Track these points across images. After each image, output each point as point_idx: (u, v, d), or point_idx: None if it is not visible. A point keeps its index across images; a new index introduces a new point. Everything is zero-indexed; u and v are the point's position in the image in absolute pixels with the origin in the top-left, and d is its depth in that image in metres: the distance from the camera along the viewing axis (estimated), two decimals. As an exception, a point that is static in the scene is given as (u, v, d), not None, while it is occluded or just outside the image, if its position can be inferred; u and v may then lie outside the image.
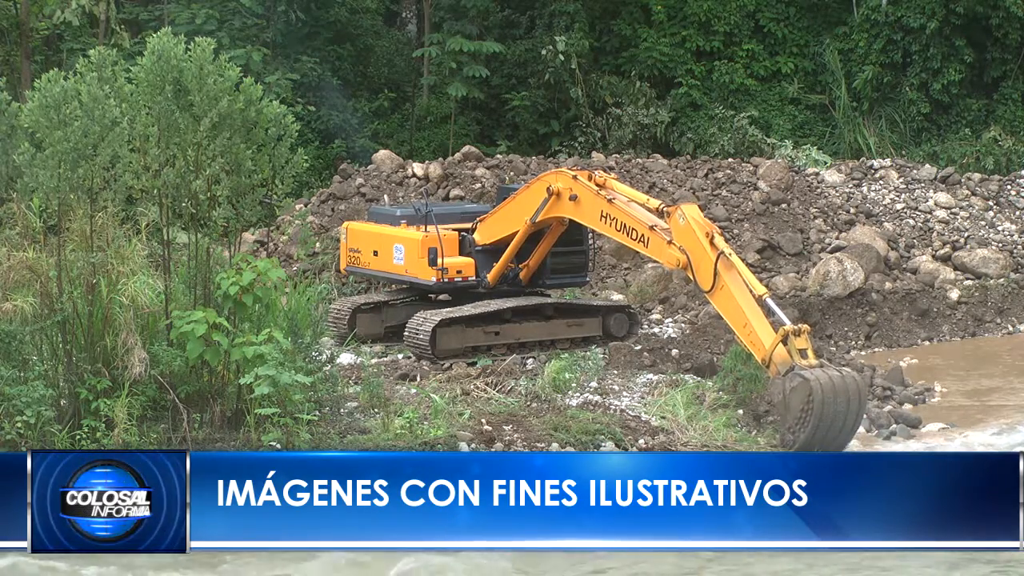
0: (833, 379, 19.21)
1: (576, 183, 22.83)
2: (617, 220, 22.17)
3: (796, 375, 19.28)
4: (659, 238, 21.45)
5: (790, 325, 19.72)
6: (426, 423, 19.43)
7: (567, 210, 23.08)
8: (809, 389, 19.04)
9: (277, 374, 17.99)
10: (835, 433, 19.27)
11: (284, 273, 20.46)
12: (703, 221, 21.04)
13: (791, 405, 19.29)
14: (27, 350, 18.14)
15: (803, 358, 19.46)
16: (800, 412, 19.18)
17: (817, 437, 19.14)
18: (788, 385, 19.33)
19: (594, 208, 22.55)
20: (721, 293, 20.47)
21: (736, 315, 20.27)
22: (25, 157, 17.69)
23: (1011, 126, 37.34)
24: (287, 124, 19.24)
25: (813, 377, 19.11)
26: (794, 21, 40.38)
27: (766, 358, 19.73)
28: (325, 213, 30.42)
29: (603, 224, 22.50)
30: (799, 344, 19.57)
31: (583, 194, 22.71)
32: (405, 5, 45.07)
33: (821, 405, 19.03)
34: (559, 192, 23.00)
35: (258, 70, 34.11)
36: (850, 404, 19.25)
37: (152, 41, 18.62)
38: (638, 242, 21.86)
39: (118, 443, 17.40)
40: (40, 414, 17.06)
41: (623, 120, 37.88)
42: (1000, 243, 31.33)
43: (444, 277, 24.02)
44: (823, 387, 19.06)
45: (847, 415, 19.31)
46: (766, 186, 31.86)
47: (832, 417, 19.15)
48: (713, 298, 20.77)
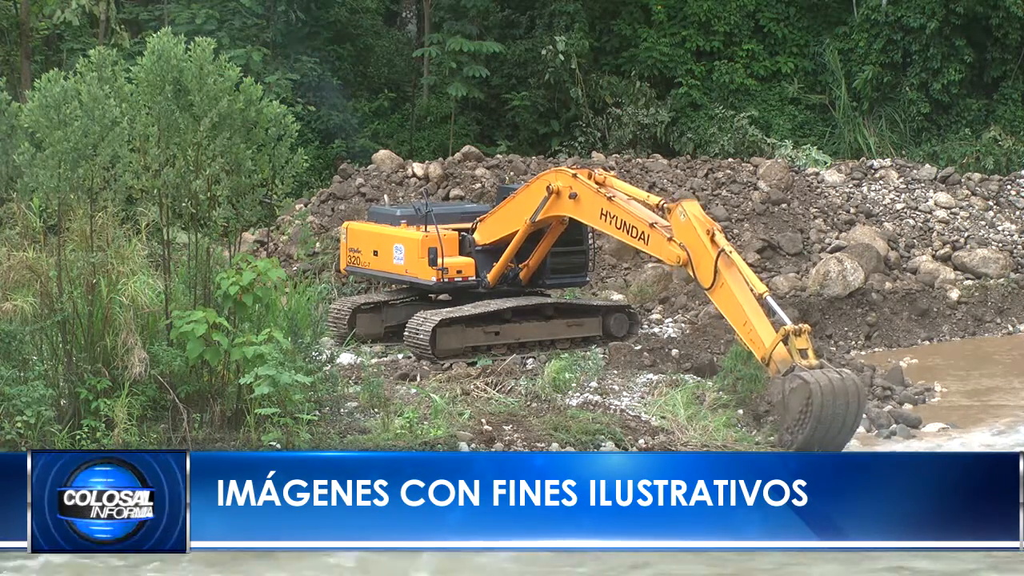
0: (833, 381, 19.18)
1: (576, 181, 22.83)
2: (617, 218, 22.17)
3: (796, 376, 19.27)
4: (659, 235, 21.45)
5: (791, 325, 19.73)
6: (426, 423, 19.43)
7: (567, 208, 23.08)
8: (808, 391, 19.03)
9: (277, 374, 17.99)
10: (834, 434, 19.26)
11: (284, 273, 20.47)
12: (704, 218, 21.05)
13: (790, 406, 19.29)
14: (27, 350, 18.14)
15: (803, 358, 19.47)
16: (799, 413, 19.18)
17: (816, 438, 19.13)
18: (787, 386, 19.32)
19: (594, 206, 22.55)
20: (721, 291, 20.48)
21: (736, 313, 20.27)
22: (25, 157, 17.69)
23: (1011, 126, 37.34)
24: (287, 124, 19.24)
25: (813, 379, 19.09)
26: (794, 21, 40.38)
27: (766, 357, 19.75)
28: (325, 213, 30.42)
29: (603, 222, 22.51)
30: (799, 344, 19.58)
31: (583, 192, 22.72)
32: (405, 5, 45.08)
33: (820, 407, 19.04)
34: (559, 191, 23.00)
35: (258, 70, 34.11)
36: (849, 406, 19.24)
37: (152, 41, 18.63)
38: (638, 239, 21.87)
39: (118, 443, 17.39)
40: (40, 414, 17.06)
41: (623, 120, 37.88)
42: (1000, 243, 31.33)
43: (444, 277, 24.02)
44: (822, 389, 19.05)
45: (846, 417, 19.31)
46: (766, 186, 31.86)
47: (831, 419, 19.15)
48: (713, 295, 20.78)
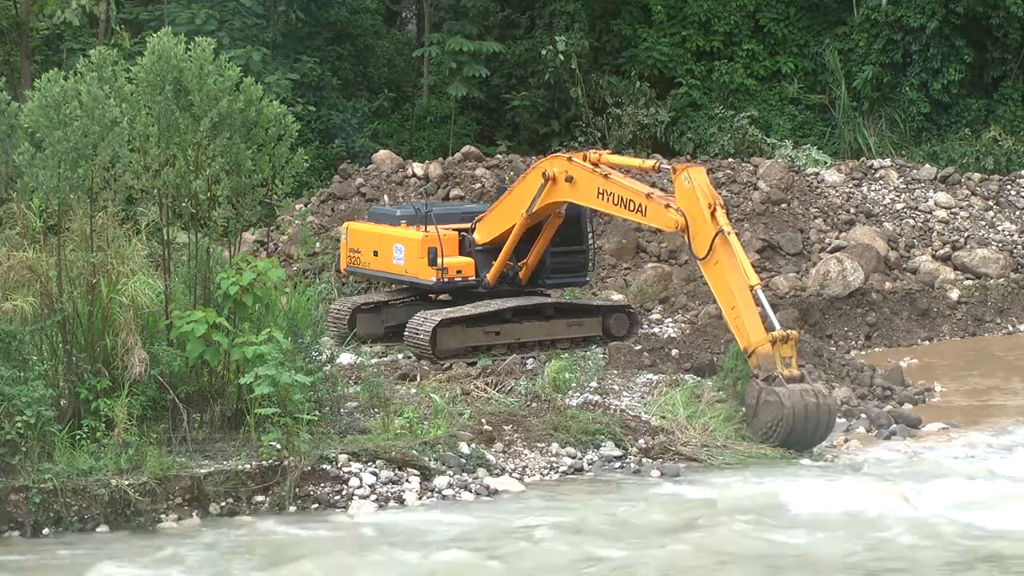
0: (808, 407, 19.77)
1: (571, 164, 22.89)
2: (614, 194, 22.26)
3: (773, 391, 19.79)
4: (656, 203, 21.60)
5: (779, 331, 20.08)
6: (426, 423, 19.42)
7: (564, 193, 23.06)
8: (781, 415, 19.70)
9: (277, 374, 17.99)
10: (799, 446, 19.98)
11: (284, 273, 20.46)
12: (708, 190, 21.12)
13: (760, 416, 20.01)
14: (27, 350, 18.12)
15: (785, 367, 19.95)
16: (767, 427, 19.93)
17: (782, 445, 19.89)
18: (763, 397, 19.93)
19: (590, 186, 22.60)
20: (715, 268, 20.74)
21: (726, 296, 20.61)
22: (25, 157, 17.67)
23: (1011, 126, 37.32)
24: (287, 124, 19.25)
25: (789, 404, 19.66)
26: (794, 21, 40.38)
27: (748, 349, 20.20)
28: (325, 213, 30.43)
29: (600, 201, 22.58)
30: (784, 352, 20.10)
31: (578, 174, 22.76)
32: (405, 5, 45.09)
33: (789, 431, 19.76)
34: (555, 177, 23.01)
35: (258, 70, 34.09)
36: (818, 429, 19.98)
37: (152, 41, 18.62)
38: (636, 212, 22.02)
39: (118, 443, 17.39)
40: (40, 414, 17.04)
41: (623, 120, 37.87)
42: (1000, 243, 31.33)
43: (444, 277, 24.01)
44: (795, 415, 19.69)
45: (814, 435, 20.07)
46: (766, 186, 31.86)
47: (798, 436, 19.87)
48: (705, 268, 21.00)
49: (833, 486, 18.42)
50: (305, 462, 17.80)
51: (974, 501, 17.79)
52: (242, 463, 17.69)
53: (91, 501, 16.80)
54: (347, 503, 17.73)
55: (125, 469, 17.08)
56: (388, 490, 18.02)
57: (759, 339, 20.03)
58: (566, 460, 19.44)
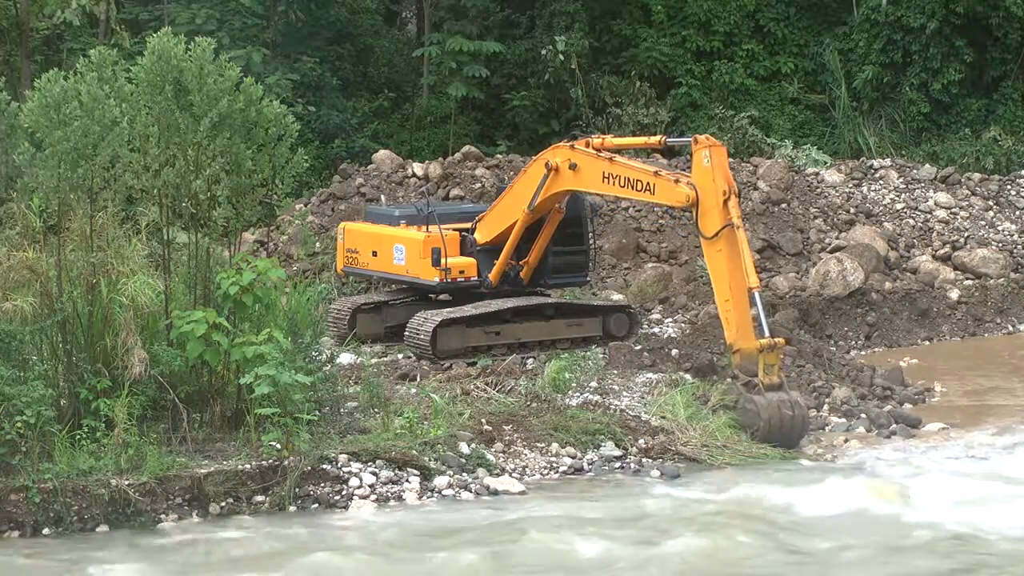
0: (783, 420, 20.20)
1: (574, 151, 22.79)
2: (620, 176, 22.15)
3: (752, 399, 20.20)
4: (664, 180, 21.54)
5: (768, 339, 20.30)
6: (426, 423, 19.42)
7: (568, 182, 22.95)
8: (758, 425, 20.15)
9: (277, 374, 17.98)
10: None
11: (284, 273, 20.45)
12: (726, 173, 21.04)
13: (738, 417, 20.48)
14: (27, 350, 18.10)
15: (767, 374, 20.25)
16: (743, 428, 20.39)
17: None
18: (741, 402, 20.41)
19: (595, 171, 22.51)
20: (717, 255, 20.83)
21: (721, 286, 20.81)
22: (25, 157, 17.67)
23: (1011, 126, 37.34)
24: (287, 124, 19.24)
25: (766, 416, 20.06)
26: (794, 21, 40.39)
27: (733, 345, 20.57)
28: (325, 213, 30.43)
29: (606, 185, 22.49)
30: (769, 359, 20.34)
31: (582, 160, 22.67)
32: (405, 5, 45.09)
33: (764, 438, 20.14)
34: (558, 166, 22.91)
35: (258, 70, 34.07)
36: (791, 438, 20.35)
37: (152, 41, 18.62)
38: (644, 192, 21.92)
39: (118, 443, 17.39)
40: (40, 414, 17.03)
41: (623, 120, 37.87)
42: (1000, 243, 31.33)
43: (447, 277, 23.98)
44: (771, 426, 20.16)
45: (787, 442, 20.34)
46: (766, 186, 31.86)
47: (772, 442, 20.21)
48: (707, 248, 21.11)
49: (833, 486, 18.41)
50: (305, 462, 17.79)
51: (974, 501, 17.79)
52: (242, 463, 17.69)
53: (91, 501, 16.79)
54: (347, 503, 17.73)
55: (125, 469, 17.08)
56: (388, 490, 18.02)
57: (749, 343, 20.42)
58: (566, 460, 19.44)
